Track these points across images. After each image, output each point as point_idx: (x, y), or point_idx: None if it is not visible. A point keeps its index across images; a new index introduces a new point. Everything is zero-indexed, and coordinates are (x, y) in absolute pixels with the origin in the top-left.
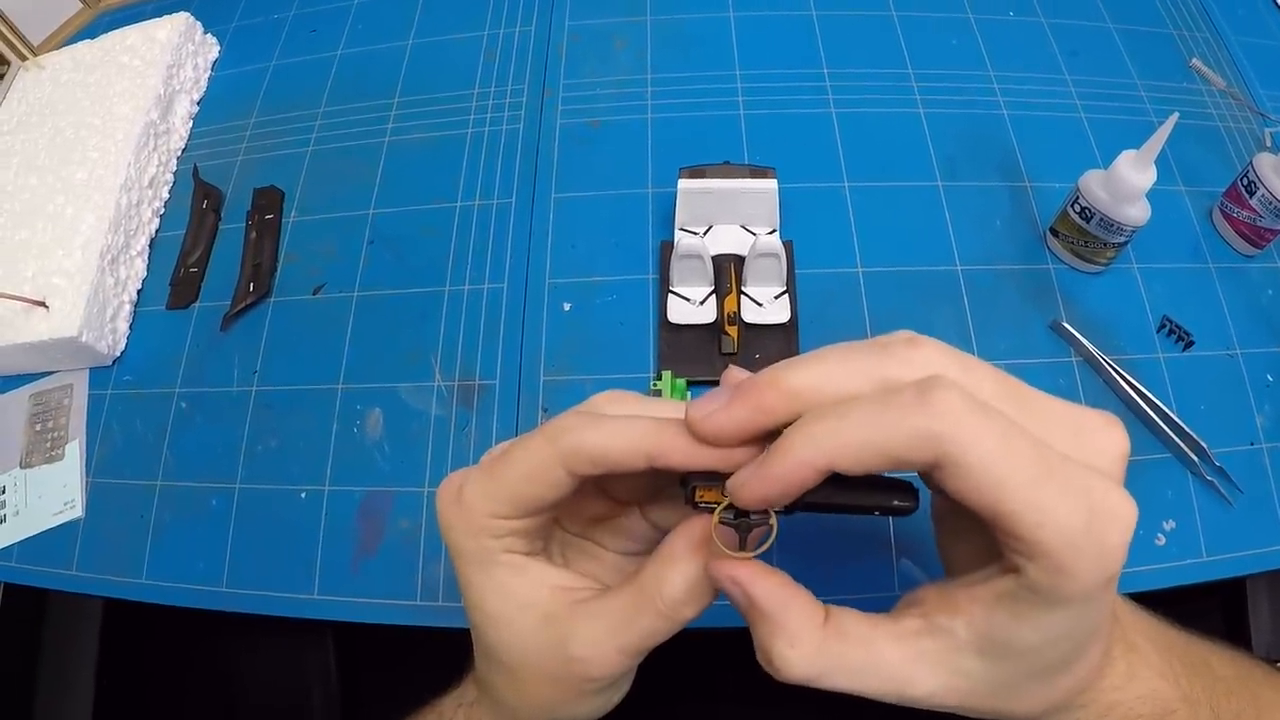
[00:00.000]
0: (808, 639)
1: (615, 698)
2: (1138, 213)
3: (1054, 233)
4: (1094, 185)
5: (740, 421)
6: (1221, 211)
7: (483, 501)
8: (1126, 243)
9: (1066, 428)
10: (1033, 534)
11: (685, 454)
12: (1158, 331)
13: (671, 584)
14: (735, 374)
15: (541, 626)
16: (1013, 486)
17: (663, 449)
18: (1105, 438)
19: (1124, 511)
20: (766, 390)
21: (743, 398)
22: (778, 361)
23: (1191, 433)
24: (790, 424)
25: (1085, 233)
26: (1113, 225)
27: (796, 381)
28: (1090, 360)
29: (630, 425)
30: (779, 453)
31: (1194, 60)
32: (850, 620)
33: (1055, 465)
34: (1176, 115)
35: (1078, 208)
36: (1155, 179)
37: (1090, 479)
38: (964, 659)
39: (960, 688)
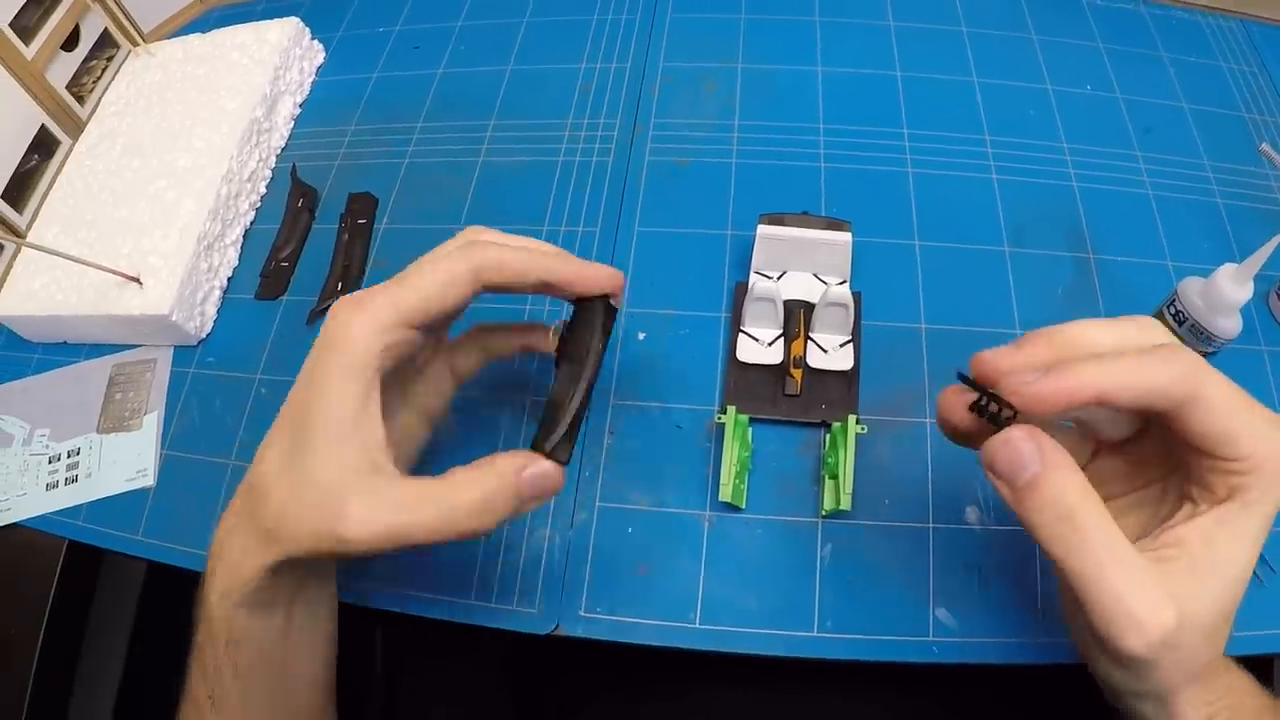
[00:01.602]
0: (1090, 494)
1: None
2: (1231, 325)
3: None
4: (1192, 292)
5: (1036, 355)
6: (1278, 295)
7: (387, 305)
8: (1215, 354)
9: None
10: (1252, 446)
11: (574, 277)
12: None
13: (469, 492)
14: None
15: (343, 455)
16: (1240, 414)
17: (556, 273)
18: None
19: None
20: (1052, 338)
21: (1037, 342)
22: (843, 402)
23: None
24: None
25: (1177, 337)
26: (1204, 334)
27: (1074, 332)
28: None
29: (531, 253)
30: (1070, 372)
31: (1264, 145)
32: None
33: (1258, 407)
34: (1279, 237)
35: (1173, 310)
36: (1252, 294)
37: (1269, 412)
38: (1195, 584)
39: (1193, 616)
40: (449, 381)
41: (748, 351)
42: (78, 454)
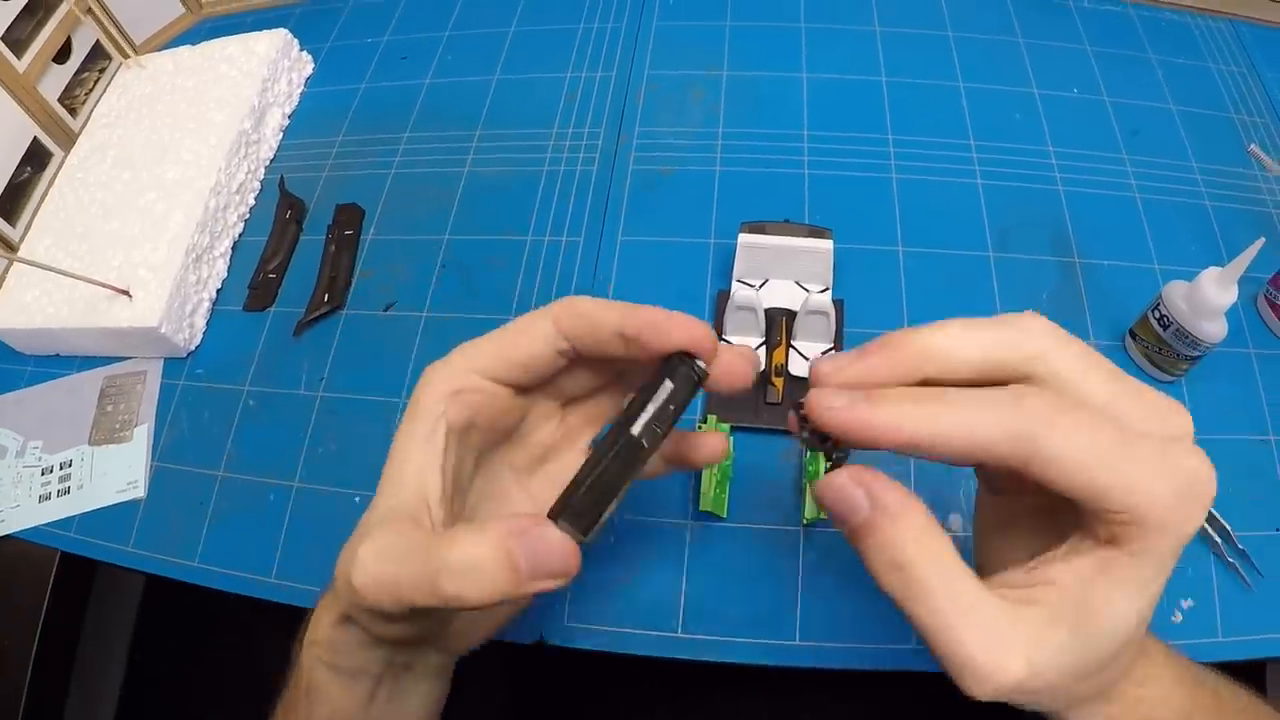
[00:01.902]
0: (929, 540)
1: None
2: (1215, 329)
3: (1133, 336)
4: (1176, 296)
5: (871, 372)
6: (1266, 298)
7: (461, 355)
8: (1200, 357)
9: (1149, 409)
10: (1125, 501)
11: (645, 325)
12: None
13: (455, 549)
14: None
15: (390, 500)
16: (1105, 464)
17: (639, 325)
18: (1178, 418)
19: (1203, 470)
20: (898, 348)
21: (879, 353)
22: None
23: (1217, 515)
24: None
25: (1162, 340)
26: (1188, 338)
27: (927, 340)
28: None
29: (612, 304)
30: (878, 410)
31: (1252, 146)
32: (957, 554)
33: (1137, 442)
34: (1262, 240)
35: (1157, 314)
36: (1236, 299)
37: (1169, 447)
38: (1059, 633)
39: (1050, 662)
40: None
41: None
42: (70, 466)
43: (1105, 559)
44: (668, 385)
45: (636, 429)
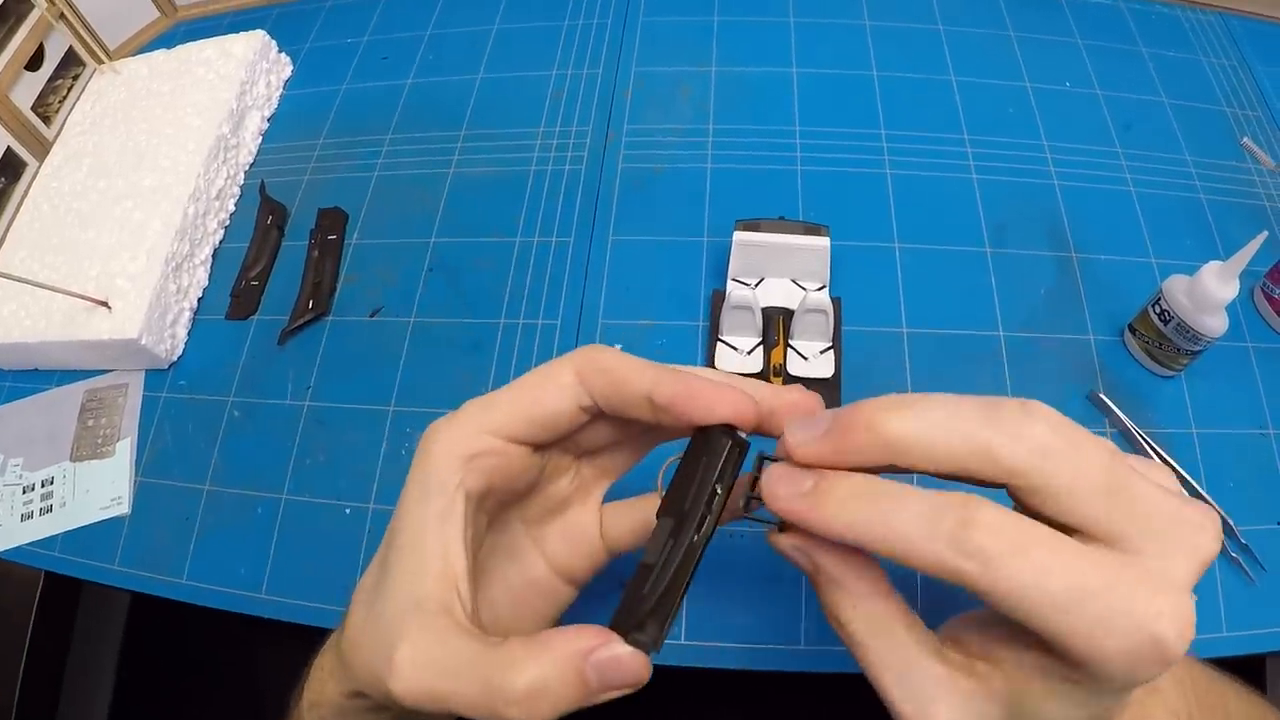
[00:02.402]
0: (869, 604)
1: None
2: (1217, 323)
3: (1132, 330)
4: (1177, 291)
5: (834, 456)
6: (1263, 291)
7: (475, 412)
8: (1200, 352)
9: (1164, 519)
10: (1069, 646)
11: (681, 394)
12: None
13: (520, 674)
14: (805, 404)
15: (411, 586)
16: (1052, 611)
17: (673, 395)
18: (1198, 535)
19: (1170, 634)
20: (862, 433)
21: (838, 436)
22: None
23: (1219, 509)
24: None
25: (1162, 335)
26: (1189, 333)
27: (894, 430)
28: (1124, 432)
29: (642, 364)
30: (828, 504)
31: (1245, 139)
32: (911, 614)
33: (1101, 593)
34: (1265, 234)
35: (1158, 309)
36: (1238, 293)
37: (1142, 599)
38: (991, 708)
39: None
40: (597, 542)
41: (727, 360)
42: (52, 483)
43: (1049, 665)
44: (716, 459)
45: (692, 531)
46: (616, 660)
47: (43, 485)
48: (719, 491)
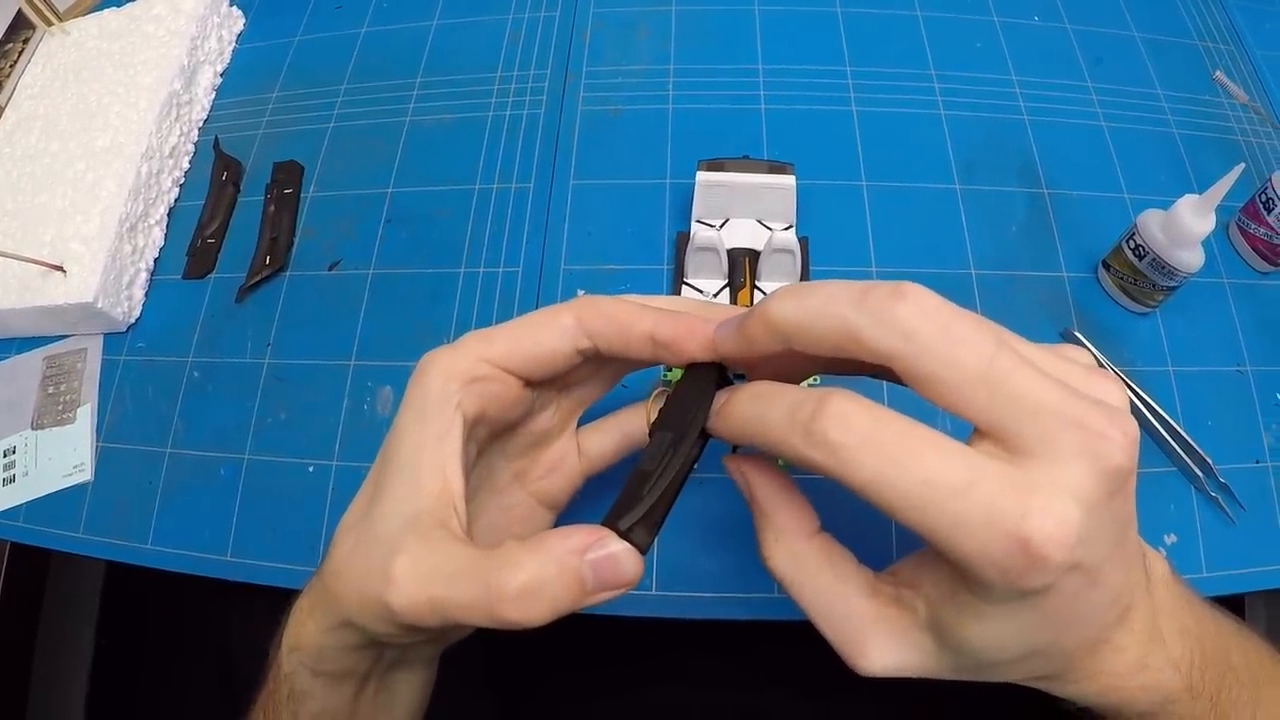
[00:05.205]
0: (790, 540)
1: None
2: (1192, 258)
3: (1106, 266)
4: (1152, 225)
5: (743, 345)
6: (1238, 227)
7: (475, 342)
8: (1176, 288)
9: (1056, 419)
10: (948, 548)
11: (683, 334)
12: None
13: (517, 572)
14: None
15: (407, 504)
16: (916, 513)
17: (674, 333)
18: (1099, 442)
19: (1044, 532)
20: (759, 322)
21: (743, 325)
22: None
23: (1197, 448)
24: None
25: (1137, 271)
26: (1165, 268)
27: (776, 315)
28: None
29: (639, 306)
30: (733, 404)
31: (1217, 73)
32: (838, 552)
33: (968, 490)
34: (1242, 166)
35: (1132, 244)
36: (1214, 226)
37: (1013, 500)
38: (921, 637)
39: (913, 663)
40: (576, 465)
41: None
42: (14, 453)
43: (955, 579)
44: (710, 389)
45: (693, 439)
46: (612, 557)
47: (5, 455)
48: (711, 406)
